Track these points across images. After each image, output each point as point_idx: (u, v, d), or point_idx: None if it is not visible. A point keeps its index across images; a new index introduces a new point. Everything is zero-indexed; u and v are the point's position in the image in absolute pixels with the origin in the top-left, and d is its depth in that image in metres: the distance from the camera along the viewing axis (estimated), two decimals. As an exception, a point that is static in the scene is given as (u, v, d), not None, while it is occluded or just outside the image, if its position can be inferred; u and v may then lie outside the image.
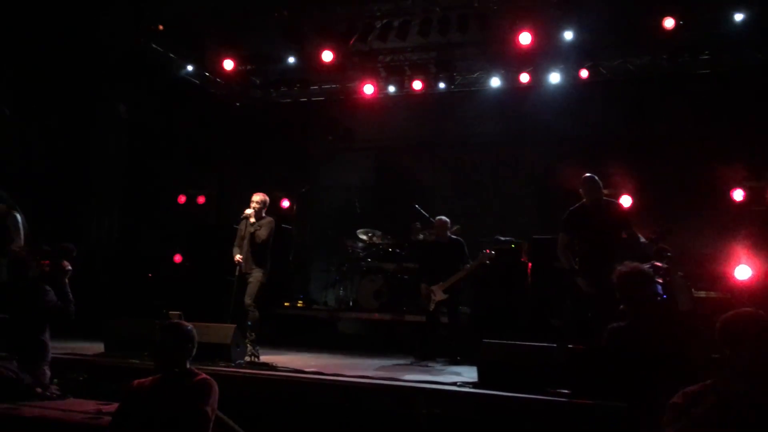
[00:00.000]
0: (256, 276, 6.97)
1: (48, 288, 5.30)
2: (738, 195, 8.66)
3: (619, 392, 4.06)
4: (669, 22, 8.50)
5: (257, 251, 7.02)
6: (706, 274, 7.70)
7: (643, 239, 5.90)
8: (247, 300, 6.88)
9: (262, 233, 7.00)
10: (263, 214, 7.17)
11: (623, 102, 10.01)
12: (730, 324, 2.81)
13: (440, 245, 7.80)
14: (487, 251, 7.75)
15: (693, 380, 2.77)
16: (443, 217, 7.90)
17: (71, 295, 5.47)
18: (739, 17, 8.50)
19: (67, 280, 5.51)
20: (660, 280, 6.29)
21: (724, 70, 9.46)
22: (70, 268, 5.55)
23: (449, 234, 7.82)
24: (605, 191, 6.62)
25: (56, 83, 9.12)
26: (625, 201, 8.75)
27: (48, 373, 5.26)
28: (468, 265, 7.56)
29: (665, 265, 6.59)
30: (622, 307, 3.90)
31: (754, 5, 8.41)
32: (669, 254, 6.78)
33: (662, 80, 9.84)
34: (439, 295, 7.51)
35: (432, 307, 7.54)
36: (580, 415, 4.64)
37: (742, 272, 7.66)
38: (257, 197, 7.16)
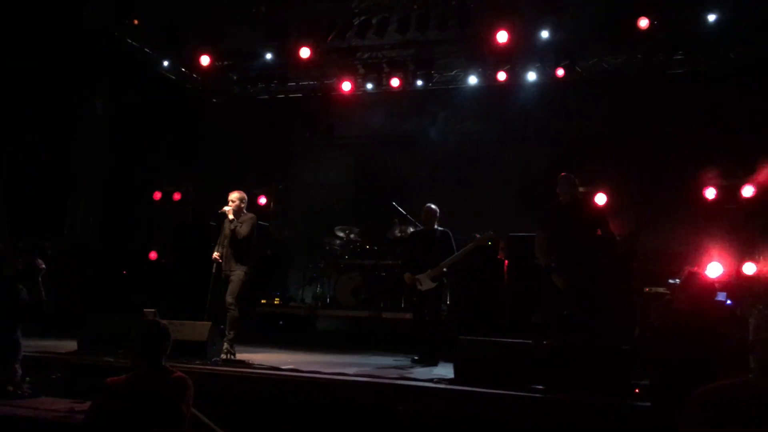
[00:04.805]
0: (238, 275, 6.82)
1: (21, 287, 5.24)
2: (710, 193, 8.77)
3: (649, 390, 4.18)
4: (644, 22, 8.60)
5: (239, 248, 6.89)
6: (678, 272, 7.79)
7: (618, 237, 5.98)
8: (229, 298, 6.73)
9: (243, 229, 6.86)
10: (244, 211, 7.04)
11: (599, 100, 10.09)
12: None
13: (427, 235, 7.23)
14: (490, 234, 7.23)
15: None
16: (432, 206, 7.32)
17: (44, 294, 5.40)
18: (712, 18, 8.63)
19: (40, 279, 5.44)
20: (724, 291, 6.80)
21: (698, 70, 9.58)
22: (44, 266, 5.49)
23: (437, 225, 7.26)
24: (581, 189, 6.71)
25: (35, 78, 8.97)
26: (600, 198, 8.87)
27: (19, 371, 5.20)
28: (469, 245, 7.01)
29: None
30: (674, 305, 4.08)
31: (727, 6, 8.53)
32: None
33: (637, 79, 9.94)
34: (426, 284, 6.91)
35: (416, 298, 6.97)
36: (555, 410, 4.69)
37: (714, 270, 7.80)
38: (234, 195, 7.02)
